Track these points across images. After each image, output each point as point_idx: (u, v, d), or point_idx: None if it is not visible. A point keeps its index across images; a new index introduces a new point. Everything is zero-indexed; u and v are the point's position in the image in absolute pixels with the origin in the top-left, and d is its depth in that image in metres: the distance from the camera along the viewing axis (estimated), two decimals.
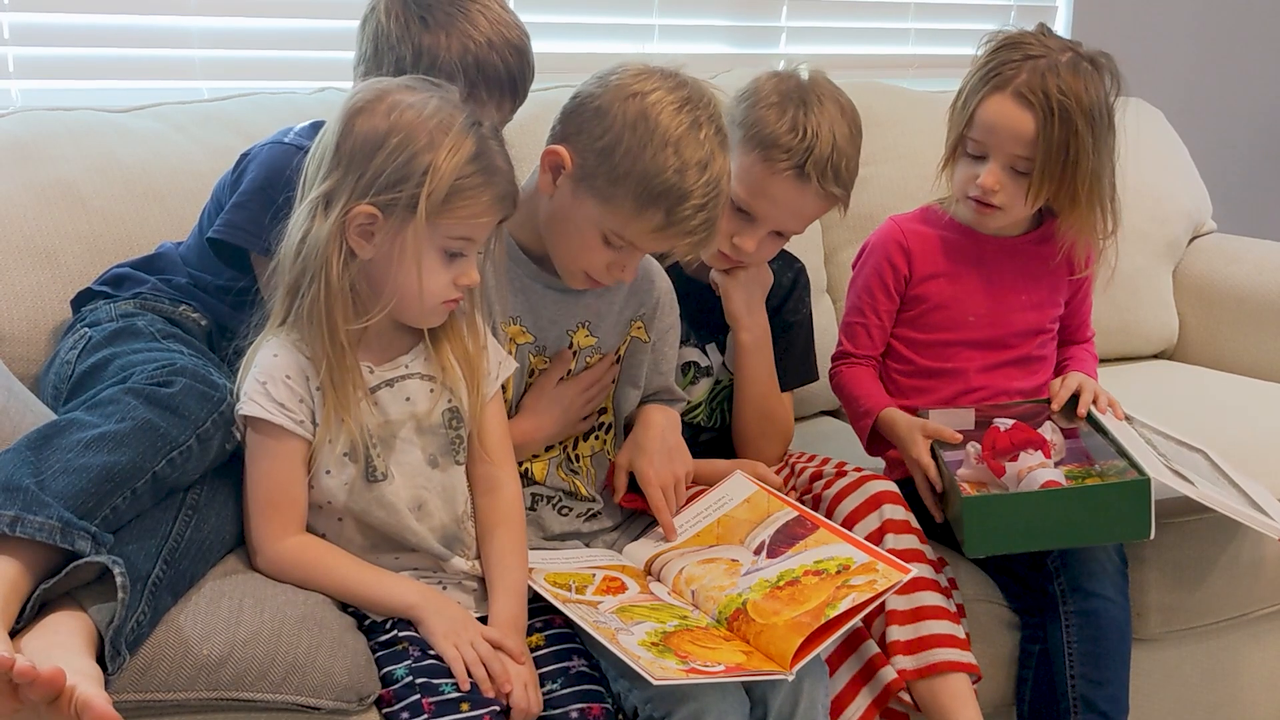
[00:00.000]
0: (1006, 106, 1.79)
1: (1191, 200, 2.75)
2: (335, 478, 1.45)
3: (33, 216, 1.77)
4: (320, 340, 1.42)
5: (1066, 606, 1.76)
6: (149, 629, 1.30)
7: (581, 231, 1.56)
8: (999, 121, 1.80)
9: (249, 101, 2.06)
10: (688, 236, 1.53)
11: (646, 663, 1.37)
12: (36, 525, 1.23)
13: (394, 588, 1.45)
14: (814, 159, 1.70)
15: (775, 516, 1.64)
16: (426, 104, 1.41)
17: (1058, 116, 1.77)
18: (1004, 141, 1.80)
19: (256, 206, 1.61)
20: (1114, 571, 1.78)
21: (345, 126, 1.41)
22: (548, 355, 1.66)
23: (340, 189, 1.39)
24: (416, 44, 1.61)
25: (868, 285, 1.95)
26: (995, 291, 1.93)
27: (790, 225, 1.78)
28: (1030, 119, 1.78)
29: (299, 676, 1.35)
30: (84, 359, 1.56)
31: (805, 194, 1.72)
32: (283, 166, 1.60)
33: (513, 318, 1.63)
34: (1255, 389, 2.44)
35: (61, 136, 1.88)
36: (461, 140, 1.40)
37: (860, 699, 1.61)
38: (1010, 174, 1.82)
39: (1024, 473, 1.70)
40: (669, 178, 1.49)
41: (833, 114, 1.72)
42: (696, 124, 1.51)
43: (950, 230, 1.94)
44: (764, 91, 1.74)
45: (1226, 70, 3.35)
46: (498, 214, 1.45)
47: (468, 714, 1.35)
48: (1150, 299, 2.64)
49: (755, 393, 1.86)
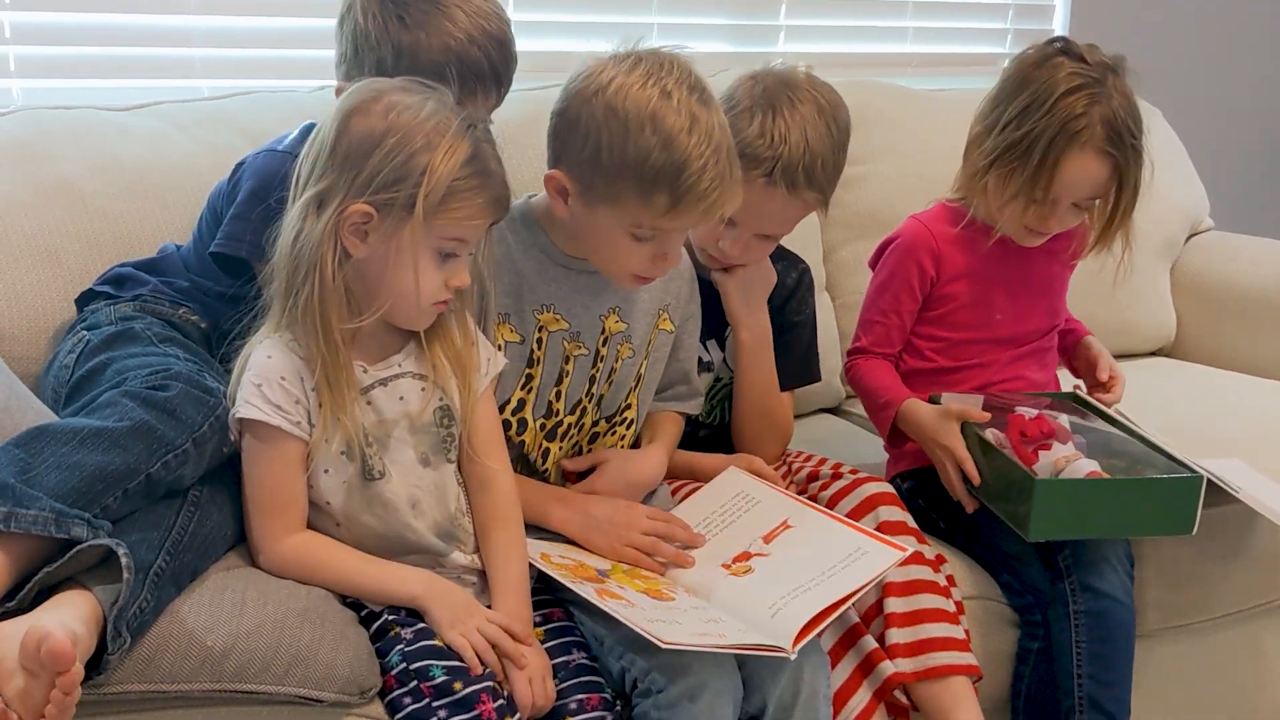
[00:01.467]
0: (1089, 165, 1.79)
1: (1189, 198, 2.76)
2: (334, 476, 1.46)
3: (33, 215, 1.77)
4: (315, 340, 1.42)
5: (1075, 605, 1.75)
6: (152, 617, 1.30)
7: (610, 238, 1.55)
8: (1081, 178, 1.80)
9: (249, 100, 2.06)
10: (703, 200, 1.50)
11: (654, 629, 1.38)
12: (30, 519, 1.24)
13: (398, 579, 1.45)
14: (783, 166, 1.69)
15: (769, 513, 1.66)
16: (423, 106, 1.41)
17: (1131, 155, 1.80)
18: (1082, 191, 1.82)
19: (254, 216, 1.62)
20: (1123, 572, 1.79)
21: (341, 126, 1.41)
22: (582, 340, 1.66)
23: (335, 189, 1.40)
24: (396, 43, 1.60)
25: (891, 284, 1.94)
26: (1017, 289, 1.94)
27: (771, 229, 1.78)
28: (1109, 167, 1.80)
29: (302, 669, 1.35)
30: (81, 363, 1.56)
31: (776, 200, 1.72)
32: (277, 173, 1.61)
33: (545, 305, 1.63)
34: (1252, 386, 2.45)
35: (62, 135, 1.88)
36: (457, 143, 1.40)
37: (862, 692, 1.62)
38: (1074, 209, 1.85)
39: (1061, 462, 1.71)
40: (657, 157, 1.48)
41: (807, 115, 1.70)
42: (665, 93, 1.49)
43: (972, 230, 1.92)
44: (737, 97, 1.73)
45: (1224, 68, 3.35)
46: (491, 216, 1.45)
47: (462, 692, 1.36)
48: (1148, 296, 2.65)
49: (755, 391, 1.86)
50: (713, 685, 1.44)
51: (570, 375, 1.66)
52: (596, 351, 1.67)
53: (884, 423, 1.90)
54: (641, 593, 1.52)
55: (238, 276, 1.65)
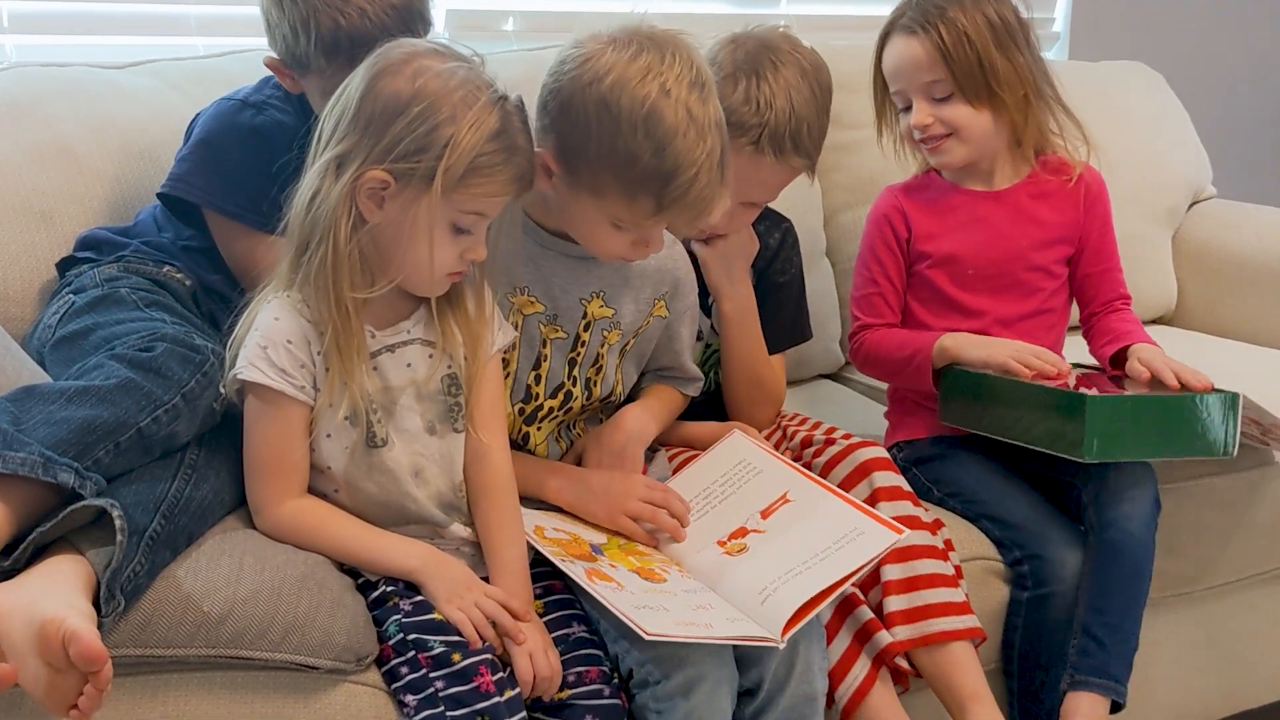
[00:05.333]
0: (898, 45, 1.86)
1: (1192, 166, 2.74)
2: (336, 442, 1.44)
3: (28, 176, 1.76)
4: (326, 305, 1.40)
5: (1092, 538, 1.74)
6: (146, 580, 1.30)
7: (590, 222, 1.53)
8: (899, 61, 1.87)
9: (245, 59, 2.02)
10: (689, 209, 1.48)
11: (639, 618, 1.37)
12: (19, 461, 1.24)
13: (396, 551, 1.44)
14: (770, 133, 1.66)
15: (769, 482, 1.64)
16: (454, 73, 1.38)
17: (945, 30, 1.82)
18: (912, 76, 1.86)
19: (198, 159, 1.64)
20: (1146, 508, 1.76)
21: (367, 87, 1.38)
22: (560, 324, 1.63)
23: (356, 151, 1.37)
24: (291, 22, 1.57)
25: (873, 251, 1.94)
26: (992, 242, 1.91)
27: (758, 196, 1.75)
28: (919, 43, 1.84)
29: (298, 636, 1.35)
30: (65, 324, 1.56)
31: (764, 167, 1.69)
32: (227, 121, 1.63)
33: (520, 288, 1.61)
34: (1254, 355, 2.44)
35: (57, 94, 1.86)
36: (485, 115, 1.37)
37: (861, 662, 1.61)
38: (934, 104, 1.86)
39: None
40: (648, 161, 1.44)
41: (790, 79, 1.67)
42: (664, 91, 1.43)
43: (943, 191, 1.94)
44: (719, 61, 1.69)
45: (1228, 35, 3.33)
46: (513, 192, 1.42)
47: (460, 664, 1.35)
48: (1149, 265, 2.63)
49: (742, 362, 1.83)
50: (710, 676, 1.42)
51: (549, 359, 1.64)
52: (577, 336, 1.64)
53: (920, 370, 1.85)
54: (634, 571, 1.50)
55: (191, 224, 1.66)
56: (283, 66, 1.64)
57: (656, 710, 1.42)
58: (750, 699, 1.48)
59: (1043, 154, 1.95)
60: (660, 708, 1.42)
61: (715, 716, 1.43)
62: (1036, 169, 1.94)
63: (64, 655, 1.15)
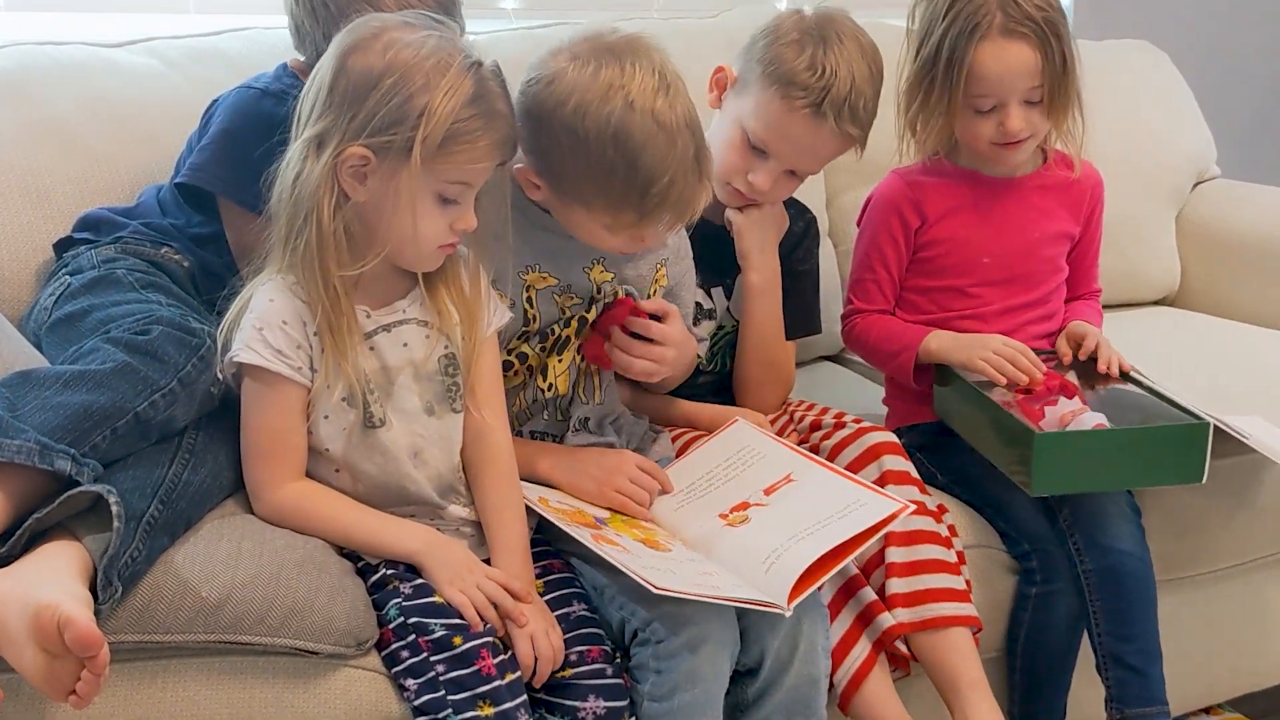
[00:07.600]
0: (1006, 50, 1.76)
1: (1196, 145, 2.72)
2: (334, 423, 1.44)
3: (23, 155, 1.75)
4: (315, 285, 1.39)
5: (1084, 565, 1.74)
6: (144, 566, 1.29)
7: (584, 227, 1.54)
8: (1006, 67, 1.76)
9: (243, 37, 2.02)
10: (672, 210, 1.50)
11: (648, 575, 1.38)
12: (14, 449, 1.23)
13: (395, 534, 1.44)
14: (831, 98, 1.68)
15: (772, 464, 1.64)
16: (425, 43, 1.37)
17: (1049, 33, 1.76)
18: (1015, 82, 1.77)
19: (220, 150, 1.62)
20: (1129, 523, 1.77)
21: (339, 64, 1.37)
22: (574, 292, 1.63)
23: (333, 130, 1.36)
24: (326, 30, 1.56)
25: (876, 240, 1.92)
26: (1007, 231, 1.90)
27: (805, 164, 1.77)
28: (1029, 49, 1.76)
29: (298, 620, 1.34)
30: (61, 305, 1.55)
31: (821, 132, 1.71)
32: (248, 111, 1.61)
33: (530, 266, 1.61)
34: (1257, 336, 2.42)
35: (52, 72, 1.85)
36: (459, 81, 1.36)
37: (861, 644, 1.61)
38: (1027, 108, 1.80)
39: (1068, 417, 1.69)
40: (622, 175, 1.45)
41: (852, 53, 1.70)
42: (628, 104, 1.44)
43: (956, 177, 1.92)
44: (784, 28, 1.72)
45: (1234, 13, 3.31)
46: (496, 159, 1.42)
47: (461, 648, 1.35)
48: (1153, 245, 2.62)
49: (760, 338, 1.84)
50: (714, 638, 1.43)
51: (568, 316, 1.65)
52: (591, 299, 1.65)
53: (904, 367, 1.86)
54: (639, 541, 1.51)
55: (202, 211, 1.65)
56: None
57: (657, 669, 1.43)
58: (752, 679, 1.49)
59: (1051, 145, 1.93)
60: (661, 665, 1.42)
61: (715, 678, 1.44)
62: (1051, 163, 1.93)
63: (59, 641, 1.15)
